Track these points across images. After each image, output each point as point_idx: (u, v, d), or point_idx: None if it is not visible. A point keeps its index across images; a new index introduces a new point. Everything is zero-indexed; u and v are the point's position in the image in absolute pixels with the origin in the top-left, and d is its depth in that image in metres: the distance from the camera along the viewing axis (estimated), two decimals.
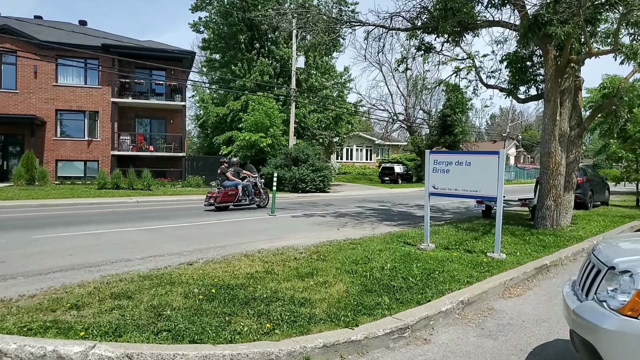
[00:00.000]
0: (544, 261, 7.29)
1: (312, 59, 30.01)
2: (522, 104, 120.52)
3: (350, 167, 50.90)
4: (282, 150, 26.38)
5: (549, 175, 10.63)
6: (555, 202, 10.63)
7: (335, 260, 6.94)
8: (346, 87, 33.98)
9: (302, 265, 6.56)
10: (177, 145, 27.38)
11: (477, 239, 9.29)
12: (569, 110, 11.03)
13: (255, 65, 29.14)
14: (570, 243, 9.03)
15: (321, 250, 7.71)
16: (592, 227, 11.17)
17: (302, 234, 9.90)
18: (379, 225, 11.75)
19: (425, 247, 8.24)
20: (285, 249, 7.82)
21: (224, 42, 30.82)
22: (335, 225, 11.59)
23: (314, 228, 10.96)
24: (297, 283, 5.45)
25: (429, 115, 43.68)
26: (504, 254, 7.64)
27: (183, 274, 5.75)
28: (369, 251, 7.67)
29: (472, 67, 14.42)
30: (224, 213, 13.88)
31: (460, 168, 8.04)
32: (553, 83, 10.36)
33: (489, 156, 7.75)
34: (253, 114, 26.07)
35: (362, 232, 10.29)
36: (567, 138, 11.02)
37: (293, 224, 11.60)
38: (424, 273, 6.14)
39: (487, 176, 7.68)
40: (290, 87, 27.46)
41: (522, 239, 9.45)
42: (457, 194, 8.12)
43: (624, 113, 12.07)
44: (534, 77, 13.02)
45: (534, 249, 8.30)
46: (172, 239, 9.06)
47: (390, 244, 8.50)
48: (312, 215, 13.63)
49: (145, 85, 27.29)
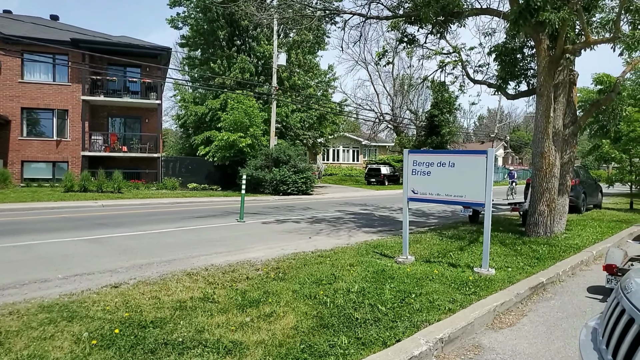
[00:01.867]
0: (539, 278, 6.26)
1: (294, 56, 28.88)
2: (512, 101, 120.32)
3: (336, 168, 49.86)
4: (263, 150, 25.23)
5: (541, 177, 9.64)
6: (548, 207, 9.65)
7: (295, 279, 5.85)
8: (331, 86, 32.88)
9: (253, 287, 5.46)
10: (153, 146, 26.08)
11: (462, 249, 8.27)
12: (563, 106, 10.06)
13: (236, 63, 27.92)
14: (566, 254, 8.03)
15: (282, 266, 6.62)
16: (588, 235, 10.21)
17: (268, 244, 8.80)
18: (356, 233, 10.69)
19: (403, 261, 7.20)
20: (240, 265, 6.71)
21: (203, 38, 29.54)
22: (308, 232, 10.50)
23: (283, 237, 9.86)
24: (235, 316, 4.35)
25: (416, 115, 42.80)
26: (493, 269, 6.62)
27: (96, 303, 4.62)
28: (337, 267, 6.60)
29: (458, 62, 13.44)
30: (187, 220, 12.70)
31: (442, 170, 7.00)
32: (546, 76, 9.38)
33: (476, 156, 6.73)
34: (232, 113, 24.85)
35: (336, 242, 9.22)
36: (561, 137, 10.06)
37: (261, 232, 10.49)
38: (398, 297, 5.07)
39: (473, 179, 6.66)
40: (271, 85, 26.32)
41: (513, 249, 8.44)
42: (439, 199, 7.09)
43: (622, 110, 11.17)
44: (524, 71, 12.06)
45: (527, 262, 7.29)
46: (115, 251, 7.90)
47: (365, 257, 7.44)
48: (285, 221, 12.52)
49: (118, 83, 25.95)
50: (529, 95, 12.38)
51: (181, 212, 14.54)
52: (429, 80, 15.02)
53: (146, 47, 25.53)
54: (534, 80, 12.09)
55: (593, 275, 7.12)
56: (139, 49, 25.14)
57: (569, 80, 10.25)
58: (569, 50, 9.17)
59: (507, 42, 10.99)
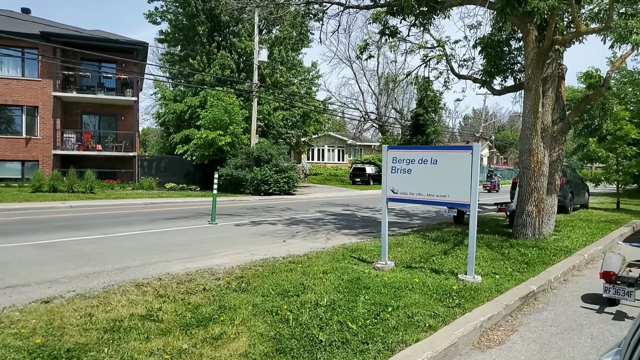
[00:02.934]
0: (530, 286, 5.68)
1: (277, 52, 28.13)
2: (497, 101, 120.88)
3: (321, 168, 49.17)
4: (243, 149, 24.47)
5: (530, 176, 9.11)
6: (537, 208, 9.12)
7: (258, 290, 5.19)
8: (314, 84, 32.18)
9: (209, 300, 4.78)
10: (129, 144, 25.13)
11: (446, 253, 7.68)
12: (552, 100, 9.55)
13: (216, 59, 27.11)
14: (557, 258, 7.49)
15: (246, 275, 5.95)
16: (577, 236, 9.71)
17: (237, 249, 8.11)
18: (335, 235, 10.05)
19: (382, 267, 6.58)
20: (200, 273, 6.02)
21: (183, 34, 28.64)
22: (283, 235, 9.82)
23: (255, 240, 9.17)
24: (176, 339, 3.66)
25: (401, 114, 42.35)
26: (479, 276, 6.03)
27: (14, 324, 3.90)
28: (309, 274, 5.95)
29: (442, 56, 12.88)
30: (156, 221, 11.94)
31: (424, 167, 6.40)
32: (534, 69, 8.84)
33: (460, 152, 6.14)
34: (211, 111, 24.06)
35: (312, 245, 8.57)
36: (550, 133, 9.54)
37: (232, 235, 9.78)
38: (372, 312, 4.44)
39: (457, 177, 6.07)
40: (252, 82, 25.57)
41: (500, 252, 7.88)
42: (420, 199, 6.48)
43: (613, 105, 10.70)
44: (510, 65, 11.54)
45: (516, 267, 6.72)
46: (64, 258, 7.13)
47: (340, 262, 6.81)
48: (260, 223, 11.83)
49: (93, 79, 24.94)
50: (516, 91, 11.88)
51: (153, 214, 13.76)
52: (412, 75, 14.45)
53: (121, 42, 24.58)
54: (520, 75, 11.59)
55: (586, 282, 6.57)
56: (114, 43, 24.18)
57: (557, 74, 9.75)
58: (559, 41, 8.64)
59: (493, 34, 10.45)
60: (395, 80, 32.54)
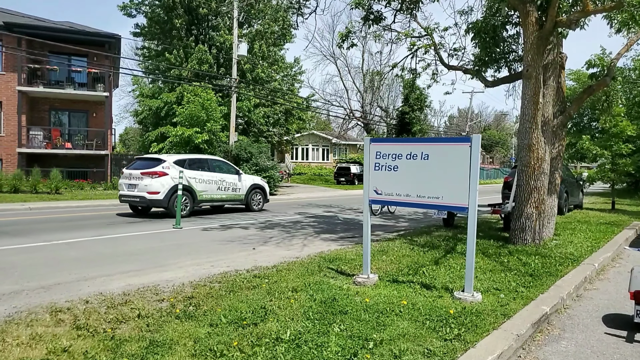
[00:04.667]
0: (541, 307, 4.70)
1: (257, 47, 26.95)
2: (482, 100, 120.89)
3: (305, 167, 48.11)
4: (222, 147, 23.28)
5: (529, 174, 8.16)
6: (537, 210, 8.17)
7: (207, 317, 4.12)
8: (297, 80, 31.06)
9: (141, 332, 3.70)
10: (100, 142, 23.75)
11: (438, 263, 6.69)
12: (553, 90, 8.62)
13: (193, 53, 25.85)
14: (564, 268, 6.54)
15: (199, 294, 4.86)
16: (580, 241, 8.80)
17: (197, 259, 7.01)
18: (313, 241, 9.00)
19: (363, 281, 5.55)
20: (142, 292, 4.92)
21: (159, 27, 27.32)
22: (254, 242, 8.74)
23: (221, 248, 8.07)
24: None
25: (386, 112, 41.50)
26: (479, 293, 5.04)
27: None
28: (274, 293, 4.89)
29: (430, 45, 11.92)
30: (116, 225, 10.77)
31: (413, 163, 5.38)
32: (534, 54, 7.89)
33: (457, 145, 5.14)
34: (187, 107, 22.82)
35: (285, 254, 7.51)
36: (551, 127, 8.62)
37: (195, 242, 8.66)
38: (348, 350, 3.40)
39: (453, 175, 5.08)
40: (231, 77, 24.39)
41: (499, 261, 6.91)
42: (409, 201, 5.47)
43: (619, 97, 9.85)
44: (504, 54, 10.62)
45: (520, 281, 5.74)
46: None
47: (315, 276, 5.77)
48: (231, 226, 10.71)
49: (62, 73, 23.51)
50: (511, 82, 10.96)
51: (116, 216, 12.55)
52: (398, 67, 13.46)
53: (92, 34, 23.20)
54: (516, 64, 10.68)
55: (602, 298, 5.62)
56: (84, 35, 22.78)
57: (559, 62, 8.83)
58: (562, 23, 7.70)
59: (487, 18, 9.49)
60: (380, 74, 31.54)
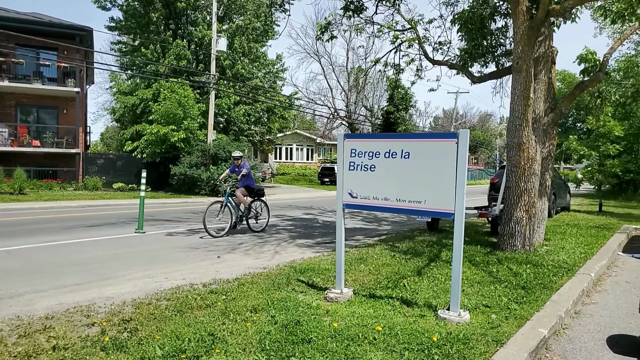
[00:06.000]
0: (538, 329, 4.04)
1: (238, 43, 26.09)
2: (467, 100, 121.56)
3: (289, 167, 47.35)
4: (199, 146, 22.42)
5: (519, 175, 7.55)
6: (527, 214, 7.57)
7: (142, 348, 3.39)
8: (279, 77, 30.25)
9: None
10: (71, 140, 22.67)
11: (421, 274, 6.01)
12: (545, 85, 8.03)
13: (171, 48, 24.90)
14: (558, 279, 5.91)
15: (139, 316, 4.11)
16: (572, 247, 8.23)
17: (151, 269, 6.24)
18: (286, 247, 8.27)
19: (336, 297, 4.85)
20: (69, 314, 4.15)
21: (135, 21, 26.31)
22: (220, 248, 7.97)
23: (182, 256, 7.30)
24: None
25: (371, 112, 40.95)
26: (467, 312, 4.37)
27: None
28: (230, 314, 4.16)
29: (415, 39, 11.28)
30: (73, 230, 9.91)
31: (393, 163, 4.70)
32: (525, 46, 7.28)
33: (442, 141, 4.46)
34: (164, 104, 21.93)
35: (253, 262, 6.78)
36: (542, 124, 8.03)
37: (155, 249, 7.86)
38: None
39: (437, 176, 4.42)
40: (210, 73, 23.53)
41: (487, 271, 6.26)
42: (388, 206, 4.78)
43: (612, 94, 9.31)
44: (492, 48, 10.03)
45: (511, 295, 5.09)
46: None
47: (282, 290, 5.05)
48: (199, 231, 9.91)
49: (29, 67, 22.34)
50: (498, 77, 10.36)
51: (78, 219, 11.67)
52: (381, 62, 12.80)
53: (62, 26, 22.11)
54: (504, 59, 10.10)
55: (603, 314, 5.00)
56: (53, 27, 21.68)
57: (550, 55, 8.25)
58: (555, 12, 7.10)
59: (474, 7, 8.88)
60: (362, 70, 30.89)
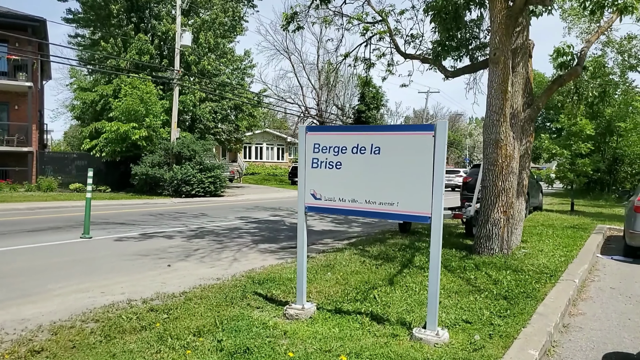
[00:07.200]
0: (528, 351, 3.49)
1: (203, 38, 25.08)
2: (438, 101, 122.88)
3: (259, 167, 46.41)
4: (162, 144, 21.37)
5: (496, 174, 7.07)
6: (505, 215, 7.10)
7: None
8: (248, 74, 29.34)
9: None
10: (23, 138, 21.29)
11: (393, 283, 5.43)
12: (523, 78, 7.59)
13: (133, 42, 23.71)
14: (541, 286, 5.42)
15: (54, 345, 3.37)
16: (551, 249, 7.82)
17: (88, 281, 5.44)
18: (247, 253, 7.56)
19: (296, 314, 4.20)
20: None
21: (94, 12, 24.97)
22: (173, 255, 7.20)
23: (128, 264, 6.51)
24: None
25: (342, 111, 40.47)
26: (445, 330, 3.80)
27: None
28: (168, 339, 3.45)
29: (386, 32, 10.76)
30: (13, 235, 8.94)
31: (361, 159, 4.09)
32: (503, 36, 6.80)
33: (416, 134, 3.88)
34: (124, 100, 20.79)
35: (206, 272, 6.05)
36: (520, 121, 7.58)
37: (98, 257, 7.03)
38: None
39: (411, 175, 3.84)
40: (174, 69, 22.51)
41: (464, 278, 5.73)
42: (356, 208, 4.17)
43: (592, 89, 8.98)
44: (466, 41, 9.58)
45: (494, 307, 4.55)
46: None
47: (234, 307, 4.37)
48: (153, 235, 9.08)
49: None
50: (473, 71, 9.93)
51: (21, 223, 10.64)
52: (351, 56, 12.23)
53: (12, 16, 20.71)
54: (478, 52, 9.67)
55: (593, 327, 4.51)
56: (2, 17, 20.26)
57: (527, 47, 7.82)
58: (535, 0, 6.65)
59: None
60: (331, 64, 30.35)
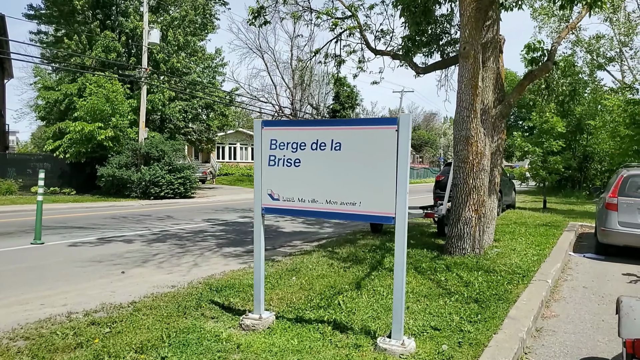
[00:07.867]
0: (498, 359, 3.24)
1: (172, 35, 24.43)
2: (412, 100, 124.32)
3: (233, 167, 45.71)
4: (130, 145, 20.67)
5: (467, 171, 6.87)
6: (477, 213, 6.90)
7: None
8: (219, 73, 28.75)
9: None
10: None
11: (360, 286, 5.14)
12: (494, 73, 7.42)
13: (99, 40, 22.90)
14: (514, 287, 5.22)
15: None
16: (523, 248, 7.68)
17: (30, 292, 4.98)
18: (209, 258, 7.17)
19: (253, 324, 3.86)
20: None
21: (57, 8, 24.03)
22: (130, 261, 6.76)
23: (79, 272, 6.04)
24: None
25: (317, 110, 40.19)
26: (412, 339, 3.52)
27: None
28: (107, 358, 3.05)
29: (356, 27, 10.51)
30: None
31: (321, 156, 3.77)
32: (472, 30, 6.61)
33: (378, 129, 3.58)
34: (89, 99, 20.03)
35: (162, 278, 5.65)
36: (491, 117, 7.40)
37: (48, 264, 6.54)
38: None
39: (374, 172, 3.54)
40: (141, 67, 21.82)
41: (435, 280, 5.49)
42: (316, 209, 3.85)
43: (562, 84, 8.90)
44: (437, 37, 9.39)
45: (464, 312, 4.30)
46: None
47: (187, 317, 4.00)
48: (112, 240, 8.59)
49: None
50: (444, 67, 9.77)
51: None
52: (321, 53, 11.95)
53: None
54: (449, 48, 9.49)
55: (567, 330, 4.31)
56: None
57: (498, 42, 7.66)
58: None
59: None
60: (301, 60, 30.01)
